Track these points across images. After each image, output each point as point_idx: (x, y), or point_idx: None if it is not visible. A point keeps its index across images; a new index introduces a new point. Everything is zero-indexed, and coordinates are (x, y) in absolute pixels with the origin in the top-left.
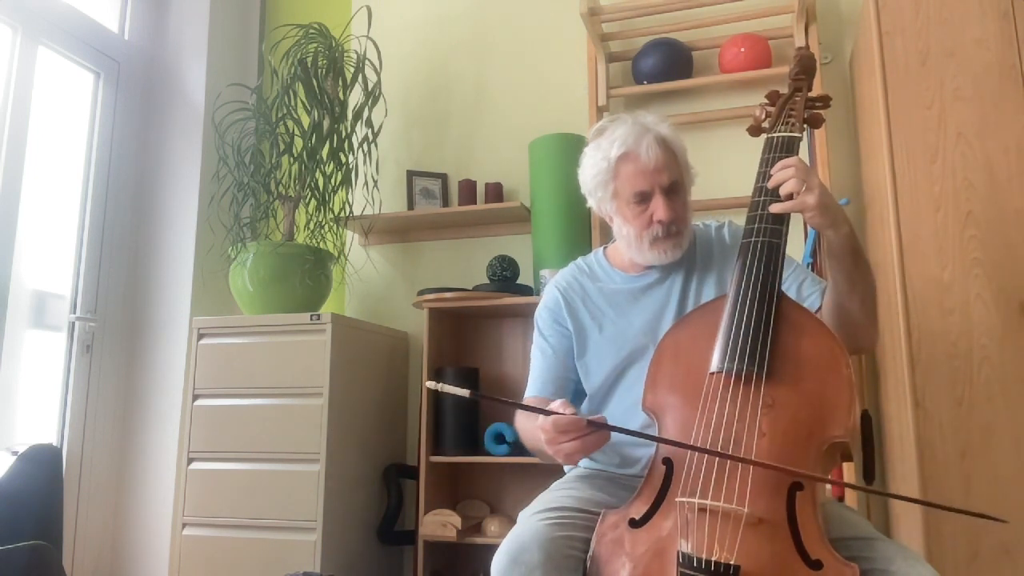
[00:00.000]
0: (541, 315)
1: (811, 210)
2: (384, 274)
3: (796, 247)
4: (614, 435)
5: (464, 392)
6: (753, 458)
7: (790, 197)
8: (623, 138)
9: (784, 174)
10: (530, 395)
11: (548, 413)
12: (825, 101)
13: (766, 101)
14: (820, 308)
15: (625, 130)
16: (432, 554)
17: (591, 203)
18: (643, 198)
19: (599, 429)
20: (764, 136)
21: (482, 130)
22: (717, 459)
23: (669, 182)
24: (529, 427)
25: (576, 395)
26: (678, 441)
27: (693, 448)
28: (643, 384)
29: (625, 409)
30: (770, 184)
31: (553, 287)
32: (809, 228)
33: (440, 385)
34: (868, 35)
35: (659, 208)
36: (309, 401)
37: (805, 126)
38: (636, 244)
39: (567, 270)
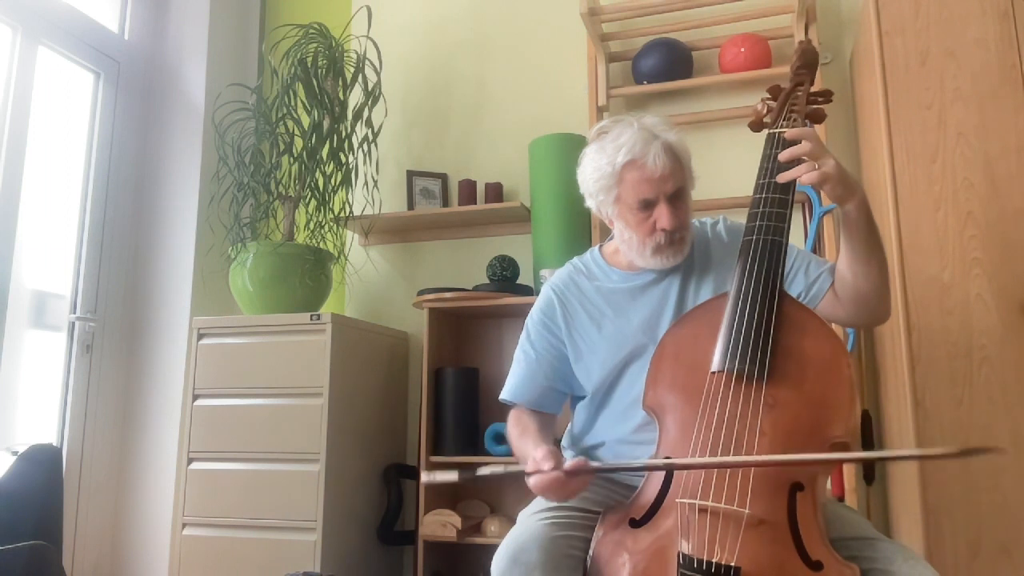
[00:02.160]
0: (533, 317)
1: (831, 179)
2: (384, 274)
3: (797, 243)
4: (609, 434)
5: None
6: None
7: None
8: (630, 145)
9: (801, 146)
10: (505, 397)
11: (533, 473)
12: (827, 96)
13: (767, 95)
14: (830, 287)
15: (631, 136)
16: (432, 554)
17: (590, 204)
18: (647, 205)
19: (580, 475)
20: (766, 131)
21: (482, 130)
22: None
23: (674, 190)
24: (518, 446)
25: (566, 399)
26: (668, 463)
27: (685, 467)
28: (642, 382)
29: (625, 408)
30: (783, 157)
31: (549, 288)
32: (810, 222)
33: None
34: (868, 35)
35: (663, 216)
36: (309, 401)
37: (807, 121)
38: (638, 249)
39: (563, 271)
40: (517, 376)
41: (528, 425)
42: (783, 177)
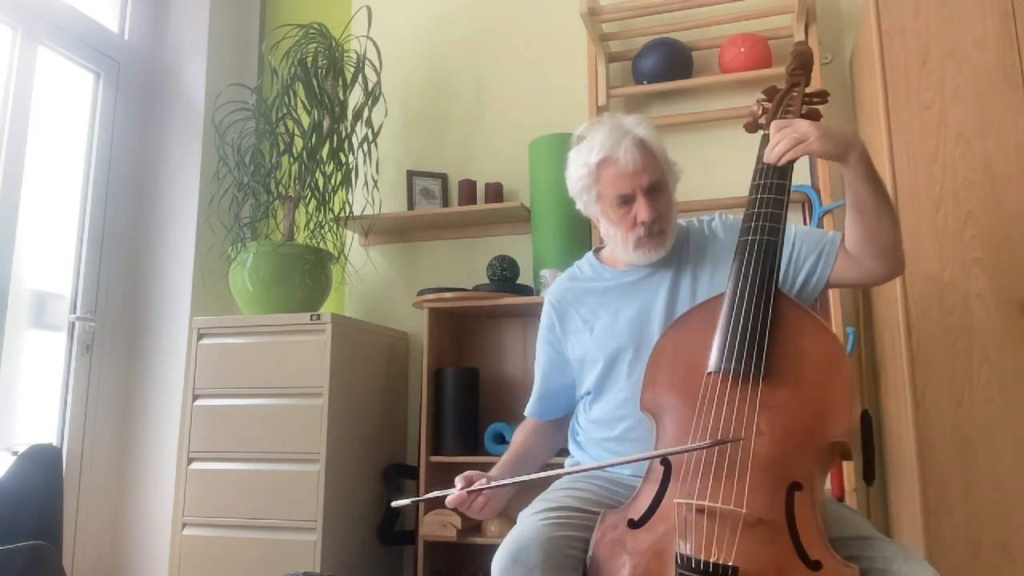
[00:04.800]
0: (541, 333)
1: (816, 146)
2: (384, 274)
3: None
4: (604, 432)
5: (406, 502)
6: (751, 459)
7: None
8: (602, 143)
9: (776, 137)
10: (527, 410)
11: (438, 497)
12: (823, 96)
13: (763, 97)
14: (838, 254)
15: (604, 134)
16: (432, 554)
17: (579, 206)
18: (626, 200)
19: (480, 491)
20: (762, 133)
21: (482, 130)
22: (715, 460)
23: (650, 183)
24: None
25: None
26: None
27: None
28: (633, 378)
29: (618, 404)
30: (769, 157)
31: (547, 302)
32: (810, 222)
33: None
34: (868, 35)
35: (642, 210)
36: (309, 401)
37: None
38: (622, 245)
39: (558, 280)
40: (535, 389)
41: (514, 440)
42: (768, 158)
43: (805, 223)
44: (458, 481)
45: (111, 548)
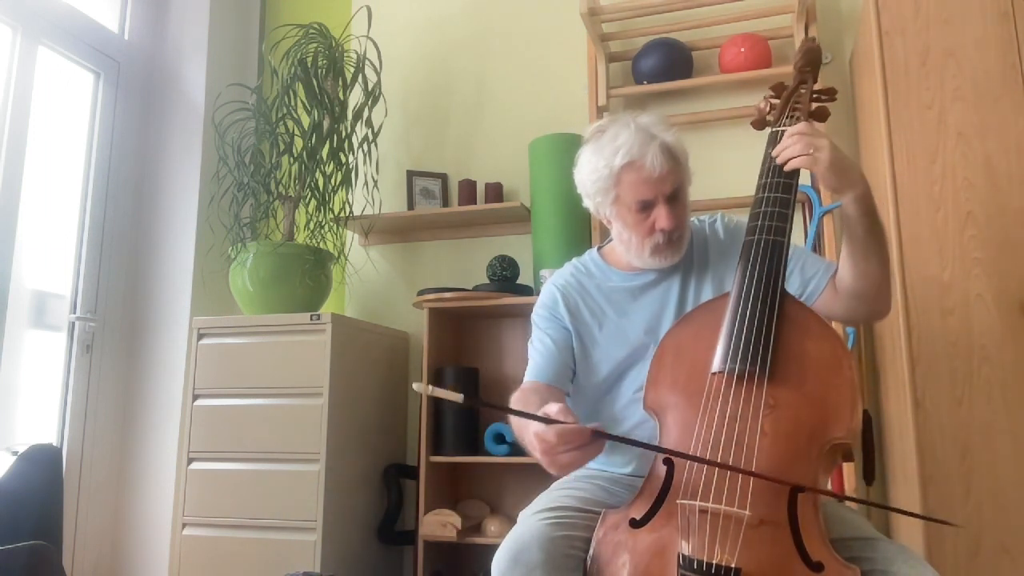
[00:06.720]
0: (538, 312)
1: (821, 169)
2: (384, 274)
3: (797, 244)
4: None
5: (457, 397)
6: (755, 458)
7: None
8: (628, 146)
9: (791, 140)
10: (528, 379)
11: (550, 421)
12: (831, 94)
13: (771, 93)
14: (825, 287)
15: (629, 137)
16: (432, 554)
17: (588, 204)
18: (646, 206)
19: (601, 439)
20: (768, 130)
21: (482, 130)
22: (719, 461)
23: (672, 190)
24: (521, 404)
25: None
26: (680, 452)
27: (692, 458)
28: (640, 382)
29: (624, 406)
30: (777, 157)
31: (551, 285)
32: (810, 222)
33: (432, 389)
34: (868, 35)
35: (662, 217)
36: (309, 401)
37: (810, 119)
38: (637, 250)
39: (564, 270)
40: (536, 361)
41: (537, 391)
42: (775, 154)
43: (805, 223)
44: (558, 414)
45: (111, 548)
